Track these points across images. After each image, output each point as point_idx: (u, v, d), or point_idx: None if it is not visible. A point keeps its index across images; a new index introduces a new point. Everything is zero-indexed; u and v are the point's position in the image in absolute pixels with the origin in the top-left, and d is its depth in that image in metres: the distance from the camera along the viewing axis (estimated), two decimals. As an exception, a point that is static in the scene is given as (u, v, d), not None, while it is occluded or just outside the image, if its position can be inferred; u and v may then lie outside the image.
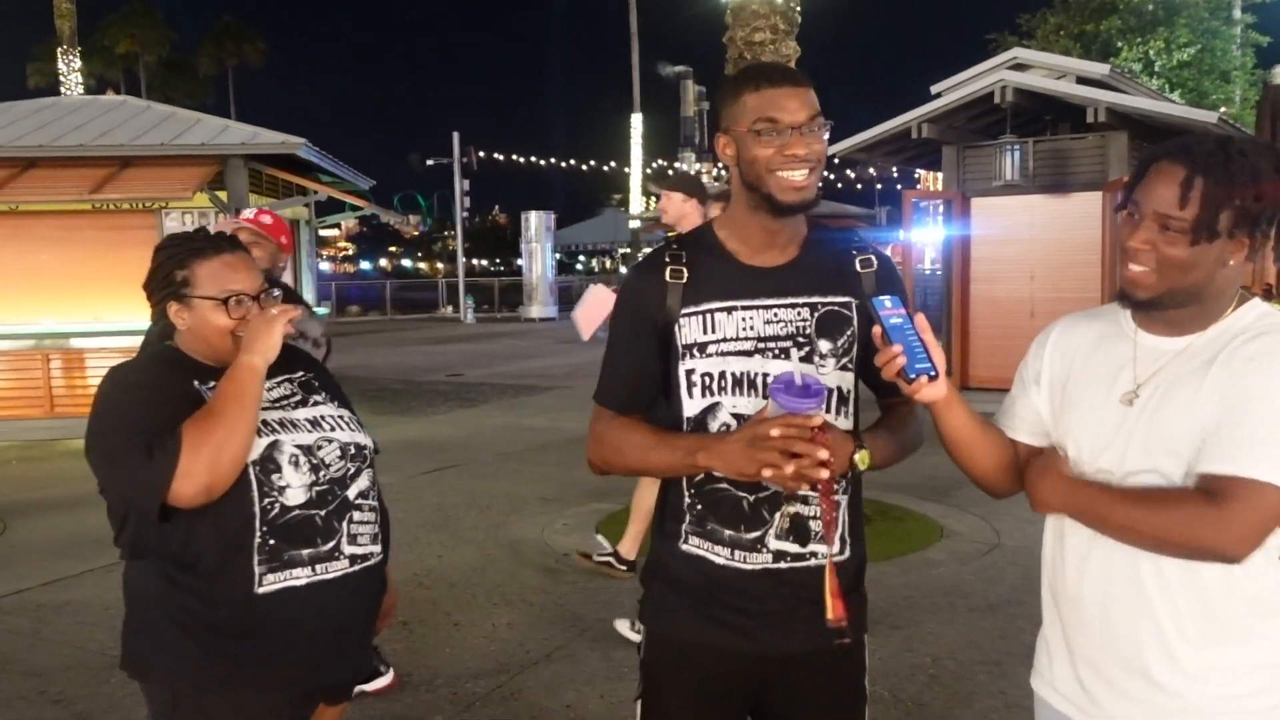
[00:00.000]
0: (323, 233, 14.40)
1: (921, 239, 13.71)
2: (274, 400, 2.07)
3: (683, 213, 4.92)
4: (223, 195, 10.89)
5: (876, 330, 1.66)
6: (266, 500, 1.95)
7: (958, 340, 11.65)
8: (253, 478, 1.94)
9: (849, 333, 1.92)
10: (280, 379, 2.13)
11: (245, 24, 52.50)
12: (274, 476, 1.97)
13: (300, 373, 2.19)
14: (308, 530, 1.99)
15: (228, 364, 2.00)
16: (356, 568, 2.06)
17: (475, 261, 61.95)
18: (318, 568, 2.00)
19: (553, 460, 8.99)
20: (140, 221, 11.05)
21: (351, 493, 2.07)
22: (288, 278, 13.19)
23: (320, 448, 2.04)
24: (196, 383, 2.01)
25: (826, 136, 1.86)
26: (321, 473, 2.02)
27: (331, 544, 2.02)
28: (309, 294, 13.54)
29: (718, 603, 1.91)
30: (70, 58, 21.24)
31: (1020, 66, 11.72)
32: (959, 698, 4.04)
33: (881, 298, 1.70)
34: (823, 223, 2.04)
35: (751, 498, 1.89)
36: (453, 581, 5.60)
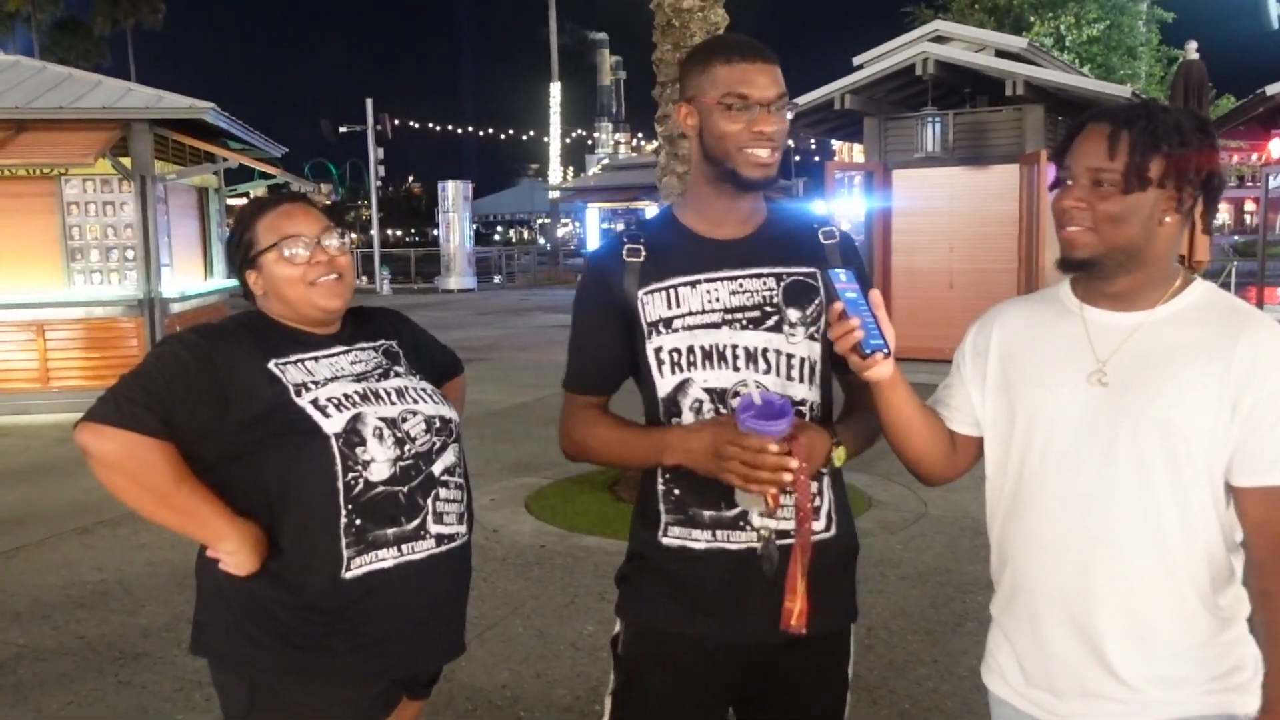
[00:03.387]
0: (231, 201, 13.93)
1: (842, 210, 13.78)
2: (359, 373, 1.97)
3: None
4: (126, 162, 10.43)
5: (837, 306, 1.61)
6: (350, 475, 1.85)
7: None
8: (335, 450, 1.83)
9: (816, 302, 1.87)
10: (363, 347, 2.04)
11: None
12: (358, 449, 1.86)
13: (382, 341, 2.08)
14: (391, 508, 1.88)
15: (312, 319, 1.97)
16: (443, 548, 1.95)
17: (389, 232, 60.96)
18: (404, 548, 1.89)
19: (475, 434, 8.85)
20: (38, 189, 10.51)
21: (437, 468, 1.96)
22: (196, 247, 12.78)
23: (405, 420, 1.93)
24: (274, 362, 1.90)
25: (790, 117, 1.84)
26: (406, 447, 1.91)
27: (416, 522, 1.91)
28: (219, 265, 13.10)
29: (703, 591, 1.85)
30: (-44, 16, 20.15)
31: (941, 39, 11.81)
32: (894, 667, 4.07)
33: (836, 271, 1.67)
34: (775, 197, 1.99)
35: None
36: (378, 560, 5.45)
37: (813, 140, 14.92)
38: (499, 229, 62.33)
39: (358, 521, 1.85)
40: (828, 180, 12.52)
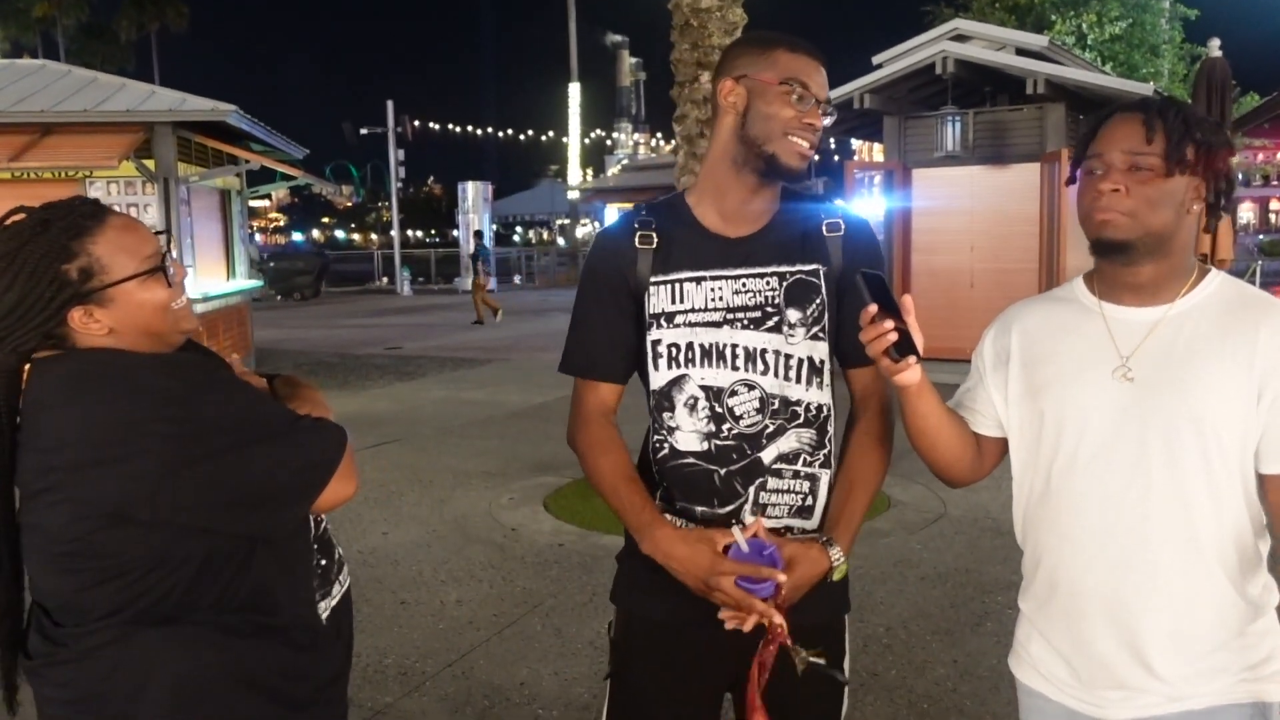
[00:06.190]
0: (253, 203, 14.05)
1: (862, 210, 13.75)
2: None
3: None
4: (150, 164, 10.54)
5: (871, 309, 1.60)
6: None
7: (898, 311, 11.73)
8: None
9: (817, 301, 1.86)
10: None
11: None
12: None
13: None
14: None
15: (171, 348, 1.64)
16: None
17: (409, 233, 61.23)
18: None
19: (495, 434, 8.88)
20: (64, 191, 10.54)
21: None
22: (219, 248, 12.87)
23: None
24: None
25: (829, 123, 1.86)
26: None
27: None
28: (242, 266, 13.21)
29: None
30: (-17, 21, 20.38)
31: (961, 37, 11.76)
32: (913, 667, 4.05)
33: (871, 273, 1.67)
34: (796, 192, 1.97)
35: (722, 471, 1.83)
36: (398, 559, 5.49)
37: (832, 140, 14.87)
38: (518, 230, 62.48)
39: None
40: (847, 180, 12.49)
